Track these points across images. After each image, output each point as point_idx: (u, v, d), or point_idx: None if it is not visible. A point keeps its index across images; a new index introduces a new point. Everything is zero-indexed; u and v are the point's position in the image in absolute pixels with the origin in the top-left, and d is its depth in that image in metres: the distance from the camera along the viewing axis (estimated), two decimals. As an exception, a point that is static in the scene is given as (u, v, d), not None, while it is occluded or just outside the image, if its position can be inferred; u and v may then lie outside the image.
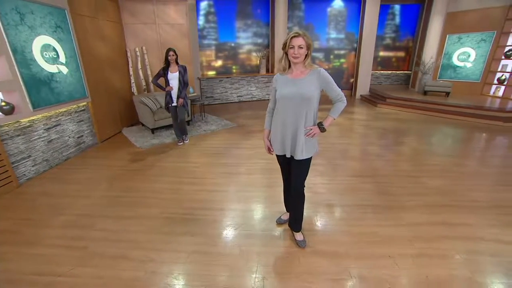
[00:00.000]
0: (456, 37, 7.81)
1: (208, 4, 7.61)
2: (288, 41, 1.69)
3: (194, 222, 2.44)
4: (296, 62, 1.74)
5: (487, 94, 7.57)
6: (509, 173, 3.46)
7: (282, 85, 1.82)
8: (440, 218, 2.47)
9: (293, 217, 2.16)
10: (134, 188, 3.08)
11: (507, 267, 1.91)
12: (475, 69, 7.66)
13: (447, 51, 8.00)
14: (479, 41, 7.51)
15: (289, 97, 1.79)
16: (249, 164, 3.74)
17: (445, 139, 5.02)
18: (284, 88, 1.80)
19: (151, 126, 4.86)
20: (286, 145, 1.90)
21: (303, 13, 8.62)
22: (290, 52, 1.71)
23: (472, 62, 7.70)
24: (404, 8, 9.04)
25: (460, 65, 7.89)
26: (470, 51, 7.66)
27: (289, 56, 1.74)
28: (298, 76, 1.80)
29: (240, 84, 8.33)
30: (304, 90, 1.76)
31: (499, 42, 7.26)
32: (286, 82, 1.82)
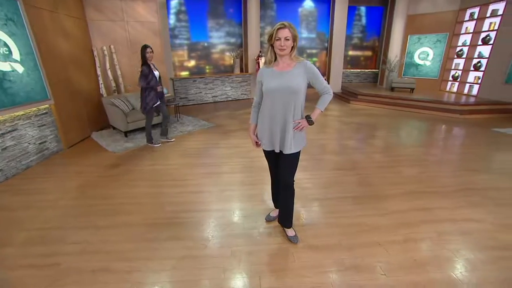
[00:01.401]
0: (416, 37, 8.42)
1: (178, 2, 7.37)
2: (274, 33, 1.65)
3: (180, 226, 2.32)
4: (282, 54, 1.70)
5: (444, 90, 8.25)
6: (468, 159, 3.79)
7: (269, 78, 1.77)
8: (418, 204, 2.61)
9: (284, 213, 2.12)
10: (110, 195, 2.86)
11: (481, 242, 2.08)
12: (433, 67, 8.31)
13: (409, 51, 8.59)
14: (435, 42, 8.16)
15: (276, 90, 1.75)
16: (231, 163, 3.67)
17: (412, 131, 5.36)
18: (271, 81, 1.75)
19: (123, 129, 4.57)
20: (275, 140, 1.87)
21: (275, 13, 8.71)
22: (276, 44, 1.67)
23: (430, 60, 8.35)
24: (369, 10, 9.53)
25: (421, 63, 8.52)
26: (429, 51, 8.30)
27: (275, 48, 1.70)
28: (285, 69, 1.76)
29: (214, 84, 8.19)
30: (291, 83, 1.72)
31: (452, 42, 7.96)
32: (272, 75, 1.77)
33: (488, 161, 3.81)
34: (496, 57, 6.71)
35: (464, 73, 7.67)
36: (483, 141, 4.57)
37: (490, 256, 1.95)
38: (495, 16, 6.79)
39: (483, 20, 7.14)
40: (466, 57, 7.63)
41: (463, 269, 1.83)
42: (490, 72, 6.87)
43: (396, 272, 1.79)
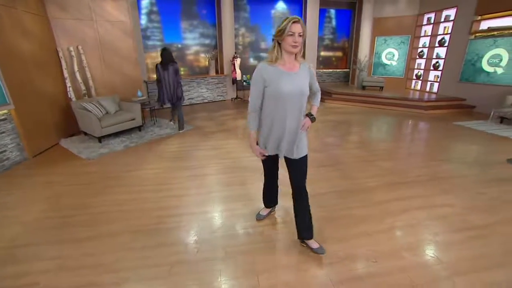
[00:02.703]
0: (382, 39, 8.95)
1: (150, 2, 7.12)
2: (288, 27, 1.47)
3: (168, 231, 2.23)
4: (294, 51, 1.55)
5: (409, 88, 8.87)
6: (436, 150, 4.12)
7: (278, 80, 1.58)
8: (398, 194, 2.77)
9: (304, 223, 1.89)
10: (88, 204, 2.67)
11: (454, 224, 2.27)
12: (399, 66, 8.90)
13: (377, 51, 9.11)
14: (399, 43, 8.75)
15: (289, 94, 1.58)
16: (215, 164, 3.62)
17: (385, 127, 5.68)
18: (283, 83, 1.57)
19: (97, 134, 4.30)
20: (282, 146, 1.73)
21: (248, 15, 8.76)
22: (288, 40, 1.50)
23: (396, 60, 8.92)
24: (339, 12, 9.95)
25: (388, 63, 9.07)
26: (394, 52, 8.87)
27: (285, 44, 1.53)
28: (293, 70, 1.61)
29: (190, 86, 8.01)
30: (303, 87, 1.61)
31: (413, 44, 8.59)
32: (281, 75, 1.58)
33: (452, 152, 4.16)
34: (451, 58, 7.36)
35: (426, 72, 8.31)
36: (447, 134, 4.98)
37: (463, 236, 2.13)
38: (448, 21, 7.45)
39: (438, 24, 7.80)
40: (426, 57, 8.27)
41: (443, 250, 1.97)
42: (447, 71, 7.52)
43: (386, 259, 1.89)
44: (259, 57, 9.29)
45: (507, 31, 6.06)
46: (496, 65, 6.29)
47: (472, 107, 6.74)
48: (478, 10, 6.59)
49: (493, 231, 2.19)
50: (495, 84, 6.30)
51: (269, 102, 1.65)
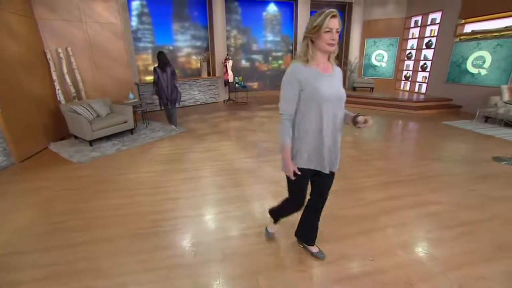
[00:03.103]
0: (372, 41, 9.14)
1: (140, 4, 7.06)
2: (325, 22, 1.30)
3: (165, 235, 2.21)
4: (331, 50, 1.38)
5: (399, 88, 9.08)
6: (426, 149, 4.23)
7: (316, 81, 1.39)
8: (392, 193, 2.83)
9: (311, 230, 1.90)
10: (81, 209, 2.61)
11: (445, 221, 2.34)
12: (389, 68, 9.10)
13: (367, 53, 9.29)
14: (388, 45, 8.95)
15: (330, 98, 1.41)
16: (209, 166, 3.60)
17: (375, 127, 5.79)
18: (323, 85, 1.38)
19: (88, 137, 4.21)
20: (322, 159, 1.52)
21: (240, 17, 8.79)
22: (325, 38, 1.32)
23: (385, 62, 9.12)
24: (329, 15, 10.10)
25: (377, 64, 9.27)
26: (384, 53, 9.07)
27: (320, 42, 1.35)
28: (328, 71, 1.44)
29: (182, 89, 7.94)
30: (341, 90, 1.46)
31: (402, 46, 8.80)
32: (318, 77, 1.40)
33: (442, 151, 4.28)
34: (438, 59, 7.58)
35: (414, 73, 8.53)
36: (436, 133, 5.12)
37: (454, 233, 2.20)
38: (435, 24, 7.69)
39: (425, 27, 8.03)
40: (414, 59, 8.50)
41: (435, 247, 2.03)
42: (434, 72, 7.74)
43: (382, 257, 1.92)
44: (251, 59, 9.32)
45: (489, 34, 6.30)
46: (479, 66, 6.52)
47: (459, 107, 6.95)
48: (462, 14, 6.83)
49: (482, 227, 2.27)
50: (479, 85, 6.52)
51: (307, 107, 1.43)
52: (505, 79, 6.00)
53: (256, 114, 6.84)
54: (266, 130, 5.33)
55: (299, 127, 1.48)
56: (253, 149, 4.23)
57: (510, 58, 5.91)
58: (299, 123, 1.47)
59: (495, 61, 6.19)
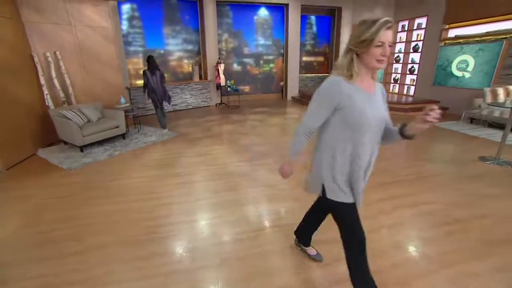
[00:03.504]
0: (361, 45, 9.32)
1: (131, 7, 7.00)
2: (378, 35, 1.08)
3: (160, 241, 2.18)
4: (380, 68, 1.17)
5: (388, 91, 9.27)
6: (418, 151, 4.33)
7: (360, 102, 1.18)
8: (389, 194, 2.89)
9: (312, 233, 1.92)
10: (72, 217, 2.55)
11: (439, 219, 2.41)
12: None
13: (356, 57, 9.46)
14: (377, 48, 9.14)
15: (373, 122, 1.21)
16: (202, 171, 3.58)
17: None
18: (365, 107, 1.19)
19: (79, 143, 4.12)
20: (356, 189, 1.35)
21: (231, 21, 8.83)
22: (375, 53, 1.12)
23: (374, 65, 9.31)
24: (319, 19, 10.26)
25: (366, 68, 9.44)
26: (372, 57, 9.26)
27: (368, 58, 1.14)
28: (371, 90, 1.24)
29: (173, 93, 7.90)
30: (384, 113, 1.26)
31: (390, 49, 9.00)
32: (362, 97, 1.19)
33: (433, 152, 4.40)
34: (424, 63, 7.80)
35: (402, 76, 8.74)
36: (426, 134, 5.23)
37: (447, 231, 2.26)
38: (421, 29, 7.92)
39: (412, 31, 8.26)
40: (402, 62, 8.71)
41: (429, 245, 2.08)
42: (421, 75, 7.96)
43: (379, 257, 1.95)
44: (243, 62, 9.36)
45: (471, 39, 6.54)
46: (463, 70, 6.75)
47: (446, 109, 7.16)
48: (446, 19, 7.07)
49: (472, 225, 2.34)
50: (464, 87, 6.74)
51: (341, 129, 1.23)
52: (487, 82, 6.23)
53: (248, 117, 6.85)
54: (259, 134, 5.34)
55: (334, 151, 1.28)
56: (246, 153, 4.23)
57: (492, 62, 6.14)
58: (333, 146, 1.28)
59: (478, 65, 6.43)
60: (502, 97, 5.51)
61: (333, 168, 1.31)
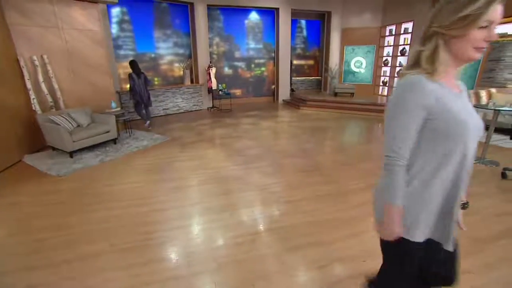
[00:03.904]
0: (351, 48, 9.52)
1: (121, 11, 6.92)
2: (489, 7, 0.78)
3: (156, 247, 2.15)
4: (476, 58, 0.88)
5: (377, 93, 9.48)
6: (409, 152, 4.42)
7: (453, 106, 0.88)
8: (378, 194, 2.93)
9: None
10: (64, 224, 2.48)
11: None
12: (367, 74, 9.50)
13: (346, 59, 9.66)
14: (366, 52, 9.36)
15: (472, 130, 0.89)
16: (197, 175, 3.56)
17: (359, 131, 6.00)
18: (461, 112, 0.89)
19: (68, 149, 4.02)
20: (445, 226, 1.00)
21: (222, 24, 8.86)
22: (476, 36, 0.82)
23: (364, 68, 9.51)
24: (309, 23, 10.43)
25: (356, 71, 9.64)
26: (362, 60, 9.47)
27: (464, 44, 0.84)
28: (457, 89, 0.97)
29: (165, 97, 7.84)
30: (480, 119, 0.94)
31: (379, 53, 9.24)
32: (452, 99, 0.90)
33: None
34: (413, 65, 8.01)
35: (391, 79, 8.96)
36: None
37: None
38: (407, 33, 8.16)
39: (399, 35, 8.50)
40: (390, 65, 8.94)
41: (423, 245, 2.12)
42: (410, 78, 8.16)
43: (375, 258, 1.97)
44: (234, 66, 9.38)
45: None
46: (450, 72, 6.97)
47: (433, 111, 7.36)
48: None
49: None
50: (451, 89, 6.96)
51: (435, 146, 0.90)
52: (471, 85, 6.46)
53: (241, 121, 6.86)
54: (252, 137, 5.35)
55: (415, 176, 0.94)
56: (240, 156, 4.23)
57: (474, 66, 6.38)
58: (420, 169, 0.93)
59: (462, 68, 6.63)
60: (484, 99, 5.72)
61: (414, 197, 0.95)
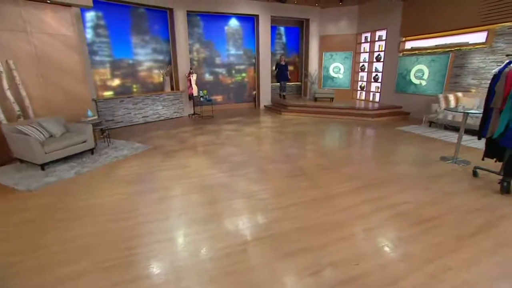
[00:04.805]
0: (329, 54, 9.84)
1: (96, 15, 6.65)
2: None
3: (142, 263, 2.04)
4: None
5: (356, 98, 9.83)
6: (386, 154, 4.61)
7: None
8: (365, 197, 3.00)
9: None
10: (39, 245, 2.28)
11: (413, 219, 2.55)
12: (345, 79, 9.83)
13: (325, 65, 9.96)
14: (344, 58, 9.70)
15: None
16: (181, 184, 3.46)
17: (340, 135, 6.16)
18: None
19: (39, 161, 3.74)
20: None
21: (202, 31, 8.81)
22: None
23: (342, 74, 9.84)
24: (288, 30, 10.65)
25: (335, 76, 9.96)
26: (340, 66, 9.80)
27: None
28: None
29: (144, 104, 7.61)
30: None
31: (356, 59, 9.62)
32: None
33: (399, 154, 4.71)
34: (387, 71, 8.44)
35: (368, 84, 9.35)
36: (392, 138, 5.62)
37: (423, 228, 2.41)
38: (381, 40, 8.59)
39: (374, 42, 8.91)
40: (367, 71, 9.33)
41: (410, 244, 2.19)
42: (385, 83, 8.57)
43: (366, 260, 2.01)
44: (215, 72, 9.35)
45: (424, 51, 7.24)
46: (420, 78, 7.41)
47: (408, 114, 7.76)
48: (402, 33, 7.75)
49: (443, 221, 2.52)
50: (422, 94, 7.39)
51: None
52: (440, 89, 6.89)
53: (223, 127, 6.80)
54: (235, 144, 5.31)
55: None
56: (224, 163, 4.18)
57: (442, 72, 6.83)
58: None
59: (432, 74, 7.11)
60: (453, 103, 6.13)
61: None
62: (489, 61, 5.92)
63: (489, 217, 2.59)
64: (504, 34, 5.62)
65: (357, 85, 9.80)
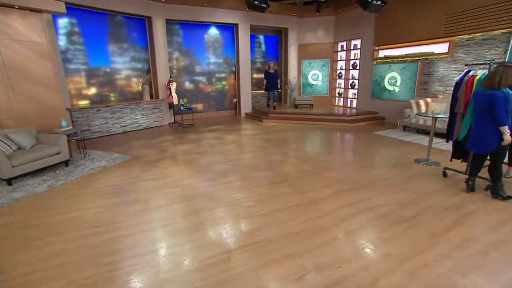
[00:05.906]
0: (307, 62, 10.15)
1: (69, 22, 6.44)
2: None
3: (124, 278, 1.96)
4: None
5: (334, 104, 10.17)
6: (365, 158, 4.80)
7: None
8: (346, 201, 3.10)
9: None
10: (7, 266, 2.12)
11: (393, 219, 2.65)
12: (324, 86, 10.16)
13: (304, 73, 10.24)
14: (322, 66, 10.05)
15: None
16: (163, 195, 3.38)
17: (319, 140, 6.32)
18: None
19: (6, 175, 3.50)
20: None
21: (181, 39, 8.78)
22: None
23: (321, 81, 10.17)
24: (267, 38, 10.87)
25: (314, 83, 10.26)
26: (318, 73, 10.13)
27: None
28: None
29: (123, 113, 7.39)
30: None
31: (333, 67, 9.99)
32: None
33: (377, 157, 4.91)
34: (362, 79, 8.84)
35: (345, 91, 9.72)
36: (370, 142, 5.85)
37: (401, 228, 2.52)
38: (357, 49, 9.01)
39: (350, 51, 9.32)
40: (344, 78, 9.71)
41: (390, 244, 2.28)
42: (361, 90, 8.96)
43: (348, 263, 2.07)
44: (195, 80, 9.31)
45: (396, 59, 7.69)
46: (393, 85, 7.83)
47: (383, 119, 8.13)
48: (375, 42, 8.18)
49: (418, 220, 2.66)
50: (396, 99, 7.81)
51: None
52: (412, 95, 7.32)
53: (205, 136, 6.76)
54: (217, 152, 5.29)
55: None
56: (207, 172, 4.14)
57: (413, 79, 7.28)
58: None
59: (404, 81, 7.55)
60: (423, 108, 6.53)
61: None
62: (452, 69, 6.41)
63: (458, 214, 2.76)
64: (463, 45, 6.15)
65: (335, 91, 10.16)
